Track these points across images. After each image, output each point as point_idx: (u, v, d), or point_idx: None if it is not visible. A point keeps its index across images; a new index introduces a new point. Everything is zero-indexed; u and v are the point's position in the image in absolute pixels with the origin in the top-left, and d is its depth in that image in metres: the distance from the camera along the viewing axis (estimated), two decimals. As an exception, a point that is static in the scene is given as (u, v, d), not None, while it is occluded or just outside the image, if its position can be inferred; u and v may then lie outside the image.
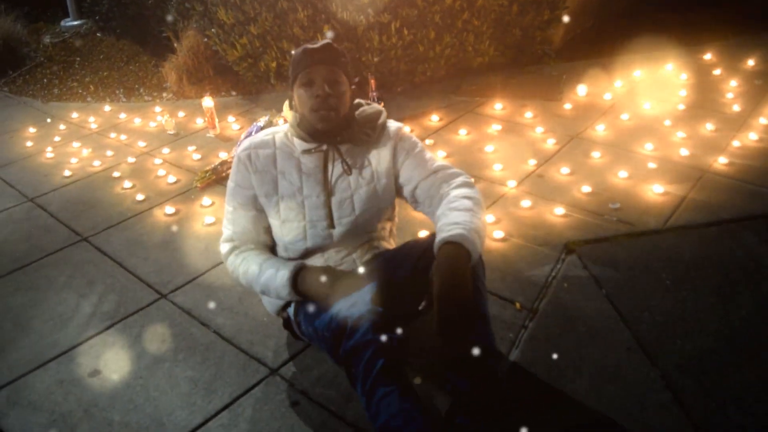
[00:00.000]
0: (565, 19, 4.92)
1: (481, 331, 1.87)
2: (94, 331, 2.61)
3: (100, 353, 2.49)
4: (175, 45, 5.38)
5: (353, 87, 2.06)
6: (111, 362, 2.43)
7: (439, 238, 1.79)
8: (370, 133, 2.07)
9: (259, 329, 2.51)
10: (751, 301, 2.48)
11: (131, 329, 2.60)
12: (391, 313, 1.81)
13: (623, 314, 2.44)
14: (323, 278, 1.93)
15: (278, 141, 2.10)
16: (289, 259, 2.12)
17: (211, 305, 2.69)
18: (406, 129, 2.18)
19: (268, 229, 2.16)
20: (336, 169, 2.06)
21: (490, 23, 4.62)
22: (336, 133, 2.03)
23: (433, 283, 1.69)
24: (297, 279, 1.98)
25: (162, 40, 5.73)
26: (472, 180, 2.07)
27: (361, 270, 2.06)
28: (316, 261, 2.12)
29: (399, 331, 1.77)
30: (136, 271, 2.98)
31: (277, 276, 1.99)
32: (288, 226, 2.08)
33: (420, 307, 1.74)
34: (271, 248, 2.20)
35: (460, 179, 2.03)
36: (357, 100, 2.14)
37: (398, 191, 2.14)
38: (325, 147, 2.05)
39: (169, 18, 5.38)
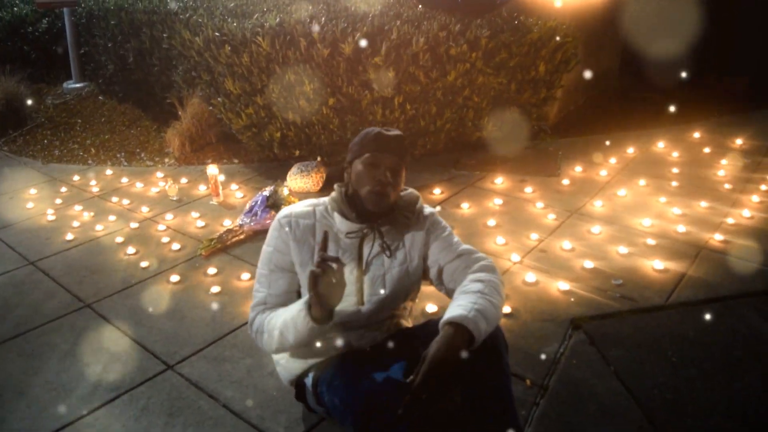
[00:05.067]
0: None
1: (509, 410, 1.88)
2: (98, 402, 2.57)
3: (106, 427, 2.44)
4: (180, 112, 5.49)
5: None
6: (117, 436, 2.39)
7: (442, 319, 1.84)
8: (409, 216, 2.14)
9: (270, 403, 2.49)
10: (758, 379, 2.52)
11: (137, 401, 2.56)
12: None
13: (633, 392, 2.46)
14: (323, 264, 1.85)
15: (318, 213, 2.14)
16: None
17: (219, 378, 2.67)
18: (437, 215, 2.25)
19: (299, 294, 2.17)
20: (373, 248, 2.11)
21: (489, 100, 4.79)
22: (380, 215, 2.09)
23: (425, 358, 1.73)
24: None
25: (165, 106, 5.84)
26: (492, 264, 2.10)
27: (390, 345, 2.08)
28: (338, 336, 2.13)
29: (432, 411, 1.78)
30: (141, 341, 2.96)
31: (298, 311, 1.92)
32: None
33: (408, 380, 1.75)
34: None
35: (480, 264, 2.07)
36: None
37: (425, 272, 2.19)
38: (366, 230, 2.10)
39: (177, 84, 5.49)
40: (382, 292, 2.10)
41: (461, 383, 1.83)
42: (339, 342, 2.10)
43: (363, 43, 4.33)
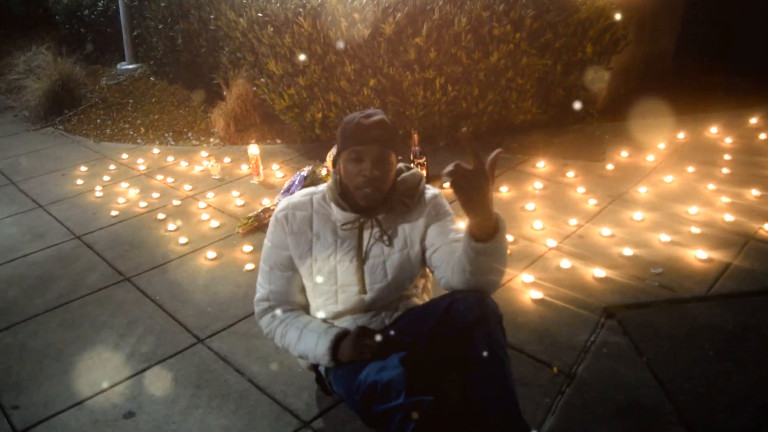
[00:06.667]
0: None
1: (508, 395, 1.84)
2: (131, 371, 2.65)
3: (136, 395, 2.51)
4: (225, 92, 5.56)
5: (399, 159, 2.06)
6: (146, 405, 2.45)
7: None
8: (408, 202, 2.07)
9: (294, 380, 2.51)
10: (800, 376, 2.40)
11: (168, 372, 2.63)
12: (419, 376, 1.81)
13: (664, 384, 2.37)
14: (363, 346, 1.95)
15: (315, 203, 2.11)
16: (323, 321, 2.14)
17: (247, 353, 2.71)
18: (442, 197, 2.17)
19: (303, 289, 2.18)
20: (371, 236, 2.07)
21: (534, 82, 4.68)
22: (376, 206, 2.04)
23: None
24: (337, 349, 1.99)
25: (212, 87, 5.93)
26: None
27: (392, 332, 2.05)
28: (346, 322, 2.12)
29: (429, 396, 1.76)
30: (175, 314, 3.03)
31: (317, 346, 2.01)
32: (320, 289, 2.10)
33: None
34: (305, 307, 2.22)
35: None
36: (398, 165, 2.13)
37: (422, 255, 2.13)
38: (363, 220, 2.06)
39: (223, 65, 5.56)
40: (383, 279, 2.06)
41: (459, 370, 1.80)
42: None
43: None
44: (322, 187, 2.15)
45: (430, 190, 2.15)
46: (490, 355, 1.82)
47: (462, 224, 2.10)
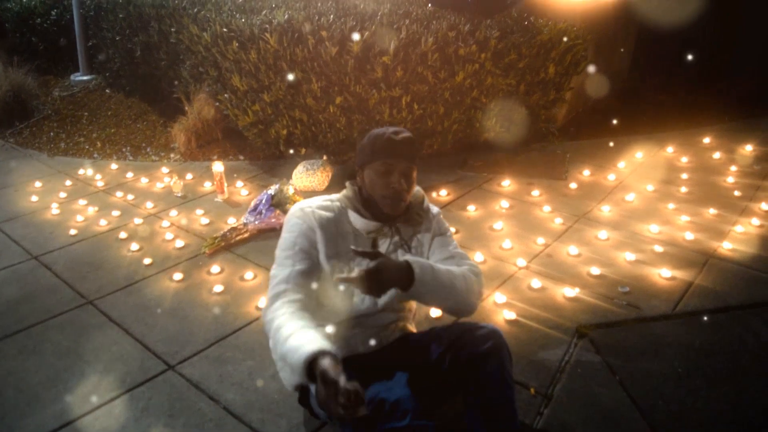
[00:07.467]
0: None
1: (511, 418, 1.87)
2: (99, 401, 2.55)
3: (105, 426, 2.42)
4: (186, 107, 5.46)
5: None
6: (116, 436, 2.37)
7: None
8: (421, 215, 2.18)
9: (271, 407, 2.46)
10: (765, 389, 2.48)
11: (138, 401, 2.55)
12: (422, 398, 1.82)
13: (638, 402, 2.43)
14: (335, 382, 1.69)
15: (336, 209, 2.16)
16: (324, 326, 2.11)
17: (220, 379, 2.65)
18: (441, 213, 2.31)
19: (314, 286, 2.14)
20: (389, 245, 2.14)
21: (498, 101, 4.75)
22: (399, 214, 2.12)
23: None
24: (314, 365, 1.92)
25: (172, 101, 5.82)
26: (478, 269, 2.14)
27: (373, 343, 2.07)
28: (346, 330, 2.12)
29: (432, 421, 1.77)
30: (143, 339, 2.94)
31: (296, 353, 1.91)
32: (333, 291, 2.09)
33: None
34: (311, 309, 2.15)
35: (465, 268, 2.11)
36: None
37: None
38: (385, 229, 2.14)
39: (184, 79, 5.47)
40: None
41: (464, 391, 1.82)
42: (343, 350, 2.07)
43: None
44: (336, 196, 2.19)
45: (434, 208, 2.28)
46: (503, 380, 1.90)
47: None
